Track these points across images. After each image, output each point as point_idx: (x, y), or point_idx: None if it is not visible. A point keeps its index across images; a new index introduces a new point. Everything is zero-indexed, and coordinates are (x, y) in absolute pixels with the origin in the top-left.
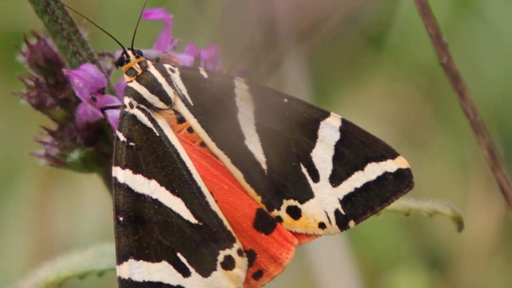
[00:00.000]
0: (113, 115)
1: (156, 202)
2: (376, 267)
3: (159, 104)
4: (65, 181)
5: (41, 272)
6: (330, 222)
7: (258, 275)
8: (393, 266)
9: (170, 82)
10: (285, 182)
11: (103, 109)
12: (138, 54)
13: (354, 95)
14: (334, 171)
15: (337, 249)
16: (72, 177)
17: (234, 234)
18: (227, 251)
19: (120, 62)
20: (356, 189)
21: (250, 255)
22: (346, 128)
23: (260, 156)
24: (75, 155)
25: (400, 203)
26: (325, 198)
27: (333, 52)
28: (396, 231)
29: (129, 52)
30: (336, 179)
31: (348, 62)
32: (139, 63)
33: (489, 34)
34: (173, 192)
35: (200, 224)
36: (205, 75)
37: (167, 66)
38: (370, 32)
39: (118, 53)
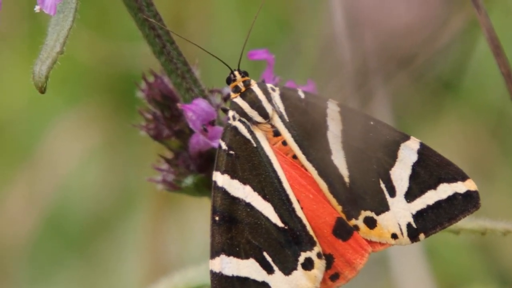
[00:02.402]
0: None
1: (248, 205)
2: (452, 284)
3: (258, 118)
4: (175, 209)
5: (160, 285)
6: (402, 233)
7: (334, 277)
8: (467, 283)
9: (270, 99)
10: (365, 195)
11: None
12: (243, 74)
13: (430, 132)
14: (409, 188)
15: (417, 267)
16: (182, 206)
17: (315, 239)
18: (308, 253)
19: (228, 81)
20: (428, 206)
21: (328, 259)
22: (423, 151)
23: (344, 170)
24: (189, 180)
25: (477, 223)
26: (399, 212)
27: (413, 93)
28: (471, 252)
29: (236, 72)
30: (410, 196)
31: (426, 103)
32: (243, 82)
33: None
34: (264, 197)
35: (286, 227)
36: (302, 95)
37: (269, 85)
38: (445, 76)
39: (226, 90)
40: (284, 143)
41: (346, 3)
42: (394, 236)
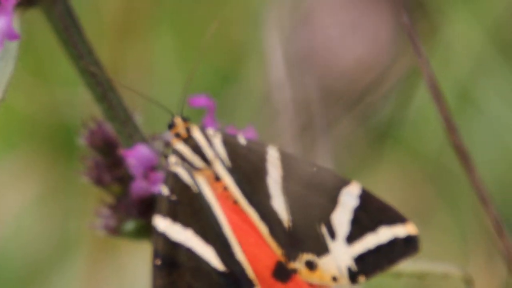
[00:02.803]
0: None
1: (189, 249)
2: None
3: (200, 163)
4: (113, 256)
5: None
6: (342, 276)
7: None
8: None
9: (211, 145)
10: (306, 238)
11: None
12: (185, 120)
13: (370, 178)
14: (350, 232)
15: None
16: (120, 253)
17: (255, 282)
18: None
19: (169, 126)
20: (368, 249)
21: None
22: (364, 196)
23: (284, 214)
24: (130, 225)
25: (417, 267)
26: (340, 255)
27: (355, 139)
28: None
29: (177, 118)
30: (351, 239)
31: (367, 149)
32: (185, 127)
33: (485, 127)
34: (205, 241)
35: (227, 271)
36: (243, 141)
37: (210, 131)
38: (385, 124)
39: (167, 136)
40: (226, 188)
41: (288, 47)
42: (335, 278)
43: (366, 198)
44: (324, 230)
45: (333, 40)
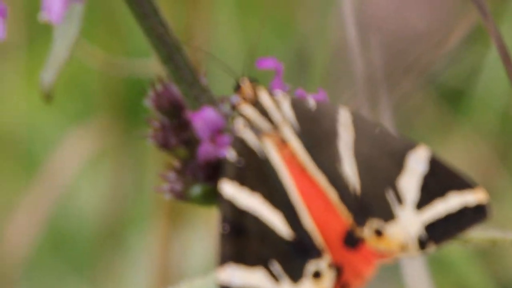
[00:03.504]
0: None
1: (257, 215)
2: None
3: (267, 127)
4: (181, 222)
5: None
6: (411, 243)
7: (344, 286)
8: None
9: (279, 108)
10: (374, 204)
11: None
12: (252, 81)
13: (439, 145)
14: (418, 198)
15: (425, 275)
16: (188, 219)
17: (325, 248)
18: (318, 263)
19: (236, 89)
20: (437, 216)
21: (338, 269)
22: (433, 160)
23: (354, 179)
24: (196, 190)
25: (487, 234)
26: (408, 222)
27: (423, 103)
28: (478, 262)
29: (245, 80)
30: (419, 205)
31: (435, 114)
32: (252, 90)
33: None
34: (273, 207)
35: (295, 237)
36: (312, 104)
37: (278, 94)
38: (455, 85)
39: (235, 98)
40: (294, 152)
41: (358, 10)
42: (403, 246)
43: (435, 163)
44: (392, 195)
45: (397, 6)
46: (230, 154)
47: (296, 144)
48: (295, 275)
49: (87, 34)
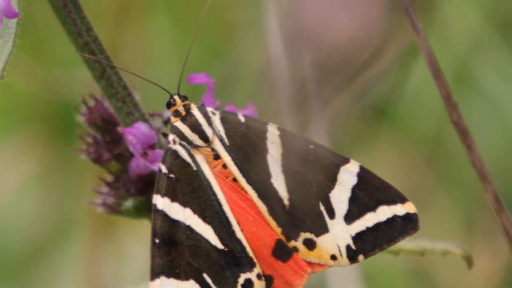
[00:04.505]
0: None
1: (188, 228)
2: None
3: (198, 142)
4: (112, 237)
5: None
6: (341, 255)
7: None
8: None
9: (210, 123)
10: (304, 217)
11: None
12: (183, 98)
13: (366, 157)
14: (349, 210)
15: None
16: (118, 233)
17: (255, 260)
18: (248, 275)
19: (168, 105)
20: (367, 228)
21: (268, 280)
22: (363, 174)
23: (283, 193)
24: (129, 203)
25: (417, 244)
26: (339, 234)
27: (350, 117)
28: (408, 278)
29: (176, 96)
30: (350, 218)
31: (362, 128)
32: (183, 106)
33: (484, 106)
34: (204, 220)
35: (226, 249)
36: (242, 119)
37: (209, 109)
38: (381, 103)
39: (166, 114)
40: (224, 166)
41: (284, 26)
42: (333, 257)
43: (365, 176)
44: (322, 208)
45: (327, 15)
46: (162, 167)
47: (226, 158)
48: (226, 287)
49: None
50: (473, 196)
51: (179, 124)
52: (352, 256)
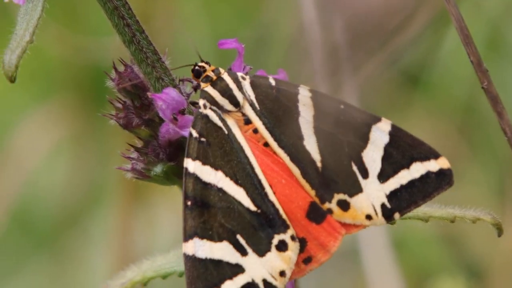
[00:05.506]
0: None
1: (220, 190)
2: (421, 275)
3: (229, 106)
4: (143, 202)
5: (128, 273)
6: (376, 214)
7: (308, 260)
8: (435, 275)
9: (240, 87)
10: (337, 178)
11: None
12: (209, 65)
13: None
14: (382, 169)
15: (385, 259)
16: (150, 199)
17: (288, 222)
18: (282, 236)
19: (197, 72)
20: (402, 186)
21: (302, 242)
22: (395, 132)
23: (316, 155)
24: (158, 168)
25: (446, 211)
26: (373, 193)
27: (382, 84)
28: (439, 245)
29: (203, 64)
30: (383, 177)
31: (394, 94)
32: (213, 71)
33: None
34: (236, 182)
35: (259, 211)
36: (273, 83)
37: (239, 74)
38: (413, 70)
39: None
40: (256, 130)
41: None
42: (369, 217)
43: (397, 134)
44: (355, 168)
45: None
46: (193, 131)
47: (258, 123)
48: (260, 248)
49: (46, 21)
50: (505, 163)
51: (209, 89)
52: (387, 214)
